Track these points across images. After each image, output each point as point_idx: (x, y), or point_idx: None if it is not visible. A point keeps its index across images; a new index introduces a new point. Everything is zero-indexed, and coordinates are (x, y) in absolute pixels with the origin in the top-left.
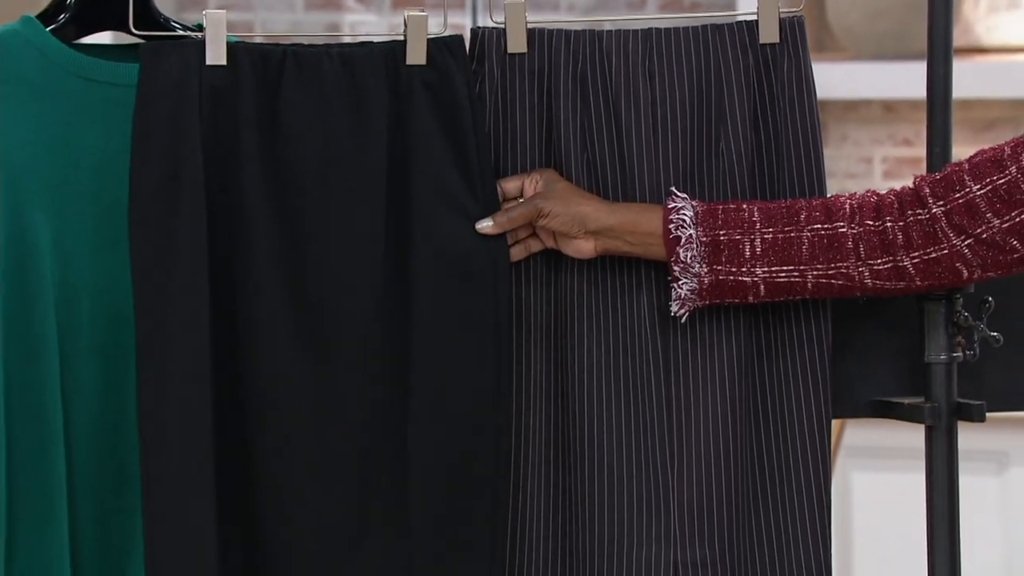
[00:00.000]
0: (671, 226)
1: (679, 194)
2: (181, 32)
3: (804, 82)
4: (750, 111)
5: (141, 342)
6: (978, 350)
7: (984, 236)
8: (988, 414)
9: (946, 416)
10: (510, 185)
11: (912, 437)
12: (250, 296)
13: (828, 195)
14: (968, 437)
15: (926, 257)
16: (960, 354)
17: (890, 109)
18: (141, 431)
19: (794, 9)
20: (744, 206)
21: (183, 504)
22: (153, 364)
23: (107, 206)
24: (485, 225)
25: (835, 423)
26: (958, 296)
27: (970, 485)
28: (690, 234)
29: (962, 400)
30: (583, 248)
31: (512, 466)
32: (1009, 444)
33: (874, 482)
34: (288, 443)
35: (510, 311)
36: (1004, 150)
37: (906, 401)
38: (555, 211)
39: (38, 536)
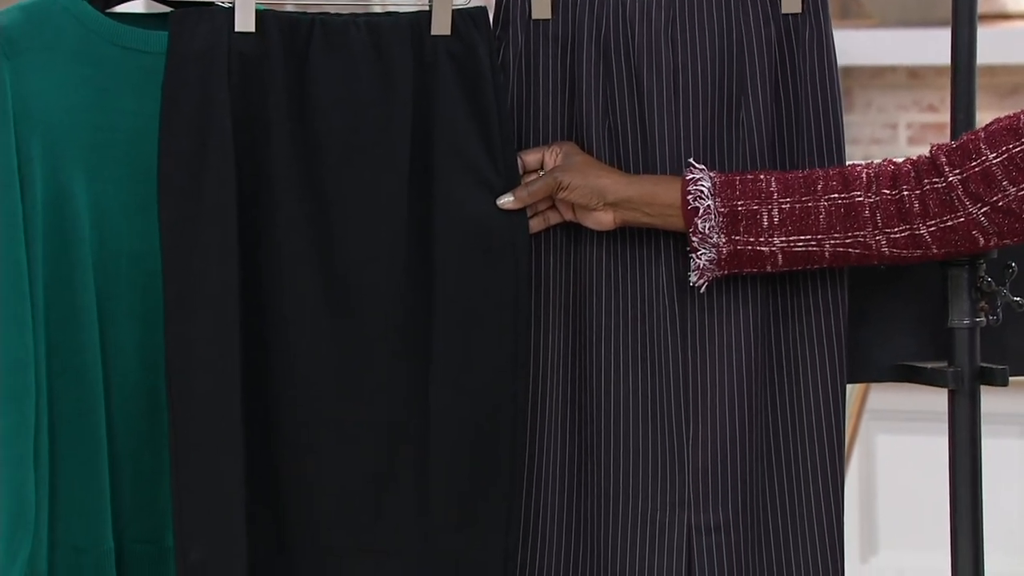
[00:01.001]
0: (689, 197)
1: (697, 165)
2: None
3: (825, 52)
4: (771, 81)
5: (169, 307)
6: (1001, 315)
7: (1000, 204)
8: (1011, 378)
9: (969, 380)
10: (530, 158)
11: (936, 400)
12: (277, 263)
13: (847, 164)
14: (991, 401)
15: (943, 225)
16: (983, 319)
17: (915, 75)
18: (169, 394)
19: None
20: (761, 176)
21: (211, 466)
22: (181, 329)
23: (142, 171)
24: (506, 200)
25: (859, 387)
26: (981, 262)
27: (993, 448)
28: (708, 205)
29: (985, 364)
30: (602, 220)
31: (529, 434)
32: None
33: (898, 445)
34: (313, 409)
35: (529, 283)
36: (1020, 118)
37: (930, 365)
38: (574, 184)
39: (80, 495)
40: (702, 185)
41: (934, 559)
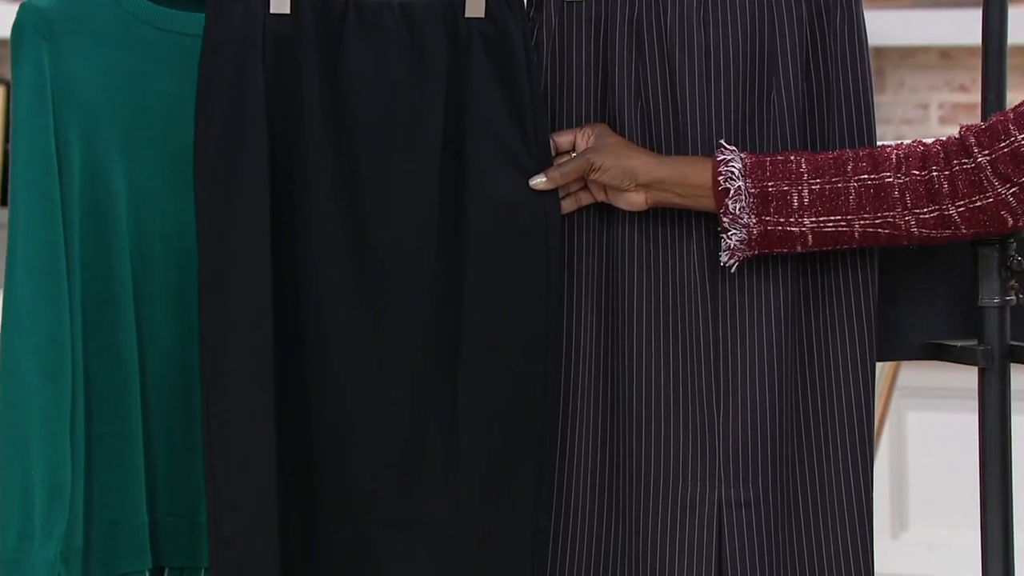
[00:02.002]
0: (720, 178)
1: (728, 146)
2: None
3: (856, 33)
4: (802, 61)
5: (204, 287)
6: None
7: None
8: None
9: (999, 358)
10: (563, 139)
11: (966, 378)
12: (310, 244)
13: (878, 145)
14: (1021, 378)
15: (971, 206)
16: (1013, 297)
17: (947, 55)
18: (203, 371)
19: None
20: (792, 157)
21: (244, 442)
22: (215, 309)
23: (177, 152)
24: (538, 181)
25: (890, 365)
26: (1011, 240)
27: (1022, 425)
28: (739, 186)
29: (1015, 343)
30: (634, 201)
31: (562, 413)
32: None
33: (928, 422)
34: (345, 386)
35: (561, 263)
36: None
37: (960, 344)
38: (606, 165)
39: (116, 470)
40: (733, 166)
41: (964, 535)
